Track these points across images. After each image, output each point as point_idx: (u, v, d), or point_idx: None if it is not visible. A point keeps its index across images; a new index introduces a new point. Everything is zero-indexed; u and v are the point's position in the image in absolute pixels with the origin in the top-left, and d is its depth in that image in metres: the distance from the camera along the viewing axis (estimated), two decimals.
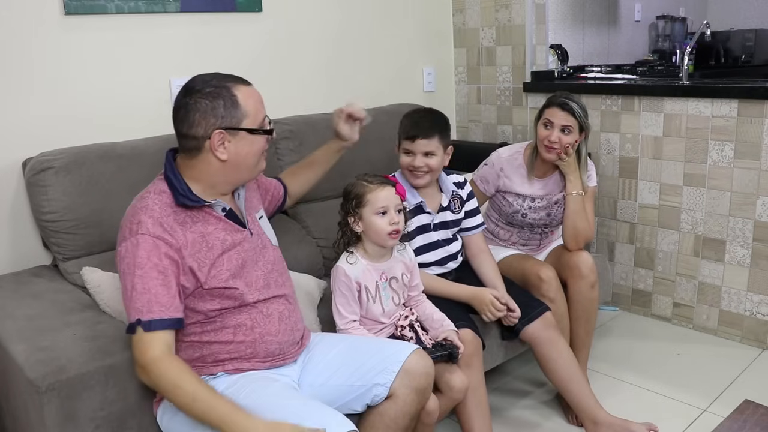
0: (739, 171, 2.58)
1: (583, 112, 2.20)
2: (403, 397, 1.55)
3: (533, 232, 2.41)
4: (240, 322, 1.53)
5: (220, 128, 1.46)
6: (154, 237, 1.42)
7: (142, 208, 1.46)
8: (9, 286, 1.89)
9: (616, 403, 2.19)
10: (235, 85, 1.49)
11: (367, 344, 1.66)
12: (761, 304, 2.63)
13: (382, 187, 1.77)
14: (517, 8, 3.11)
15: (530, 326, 2.05)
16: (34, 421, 1.47)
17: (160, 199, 1.47)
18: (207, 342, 1.51)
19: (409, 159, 2.00)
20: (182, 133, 1.49)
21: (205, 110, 1.45)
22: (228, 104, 1.46)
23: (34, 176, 1.91)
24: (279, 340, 1.58)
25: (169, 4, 2.30)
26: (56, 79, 2.10)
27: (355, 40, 2.93)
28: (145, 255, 1.40)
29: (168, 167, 1.53)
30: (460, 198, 2.13)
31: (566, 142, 2.19)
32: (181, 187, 1.49)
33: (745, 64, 4.20)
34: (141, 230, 1.42)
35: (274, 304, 1.59)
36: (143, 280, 1.39)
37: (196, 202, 1.49)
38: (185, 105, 1.47)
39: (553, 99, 2.24)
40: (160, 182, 1.52)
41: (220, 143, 1.47)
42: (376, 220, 1.76)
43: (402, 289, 1.87)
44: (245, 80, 1.53)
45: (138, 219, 1.44)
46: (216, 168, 1.50)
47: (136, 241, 1.41)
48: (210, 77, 1.50)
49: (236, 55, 2.52)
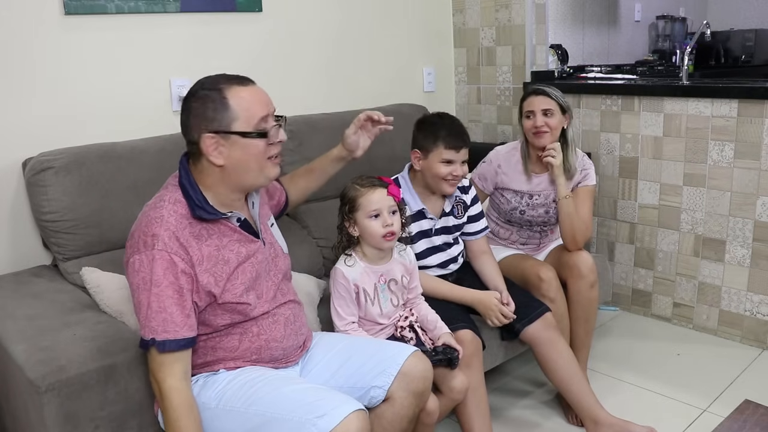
0: (739, 171, 2.58)
1: (559, 95, 2.24)
2: (401, 401, 1.55)
3: (533, 230, 2.41)
4: (246, 329, 1.52)
5: (210, 132, 1.41)
6: (171, 253, 1.38)
7: (157, 219, 1.41)
8: (9, 286, 1.89)
9: (616, 403, 2.19)
10: (228, 86, 1.43)
11: (366, 346, 1.66)
12: (761, 304, 2.62)
13: (372, 189, 1.76)
14: (517, 8, 3.11)
15: (530, 327, 2.05)
16: (34, 421, 1.47)
17: (176, 210, 1.43)
18: (212, 347, 1.51)
19: (450, 168, 1.97)
20: (185, 137, 1.47)
21: (195, 114, 1.42)
22: (218, 107, 1.41)
23: (34, 176, 1.91)
24: (284, 346, 1.58)
25: (169, 4, 2.30)
26: (56, 79, 2.10)
27: (355, 40, 2.93)
28: (161, 272, 1.37)
29: (183, 174, 1.47)
30: (463, 203, 2.13)
31: (552, 124, 2.22)
32: (197, 198, 1.44)
33: (745, 64, 4.20)
34: (158, 245, 1.37)
35: (281, 309, 1.59)
36: (159, 299, 1.37)
37: (212, 215, 1.45)
38: (183, 110, 1.46)
39: (526, 92, 2.31)
40: (174, 190, 1.47)
41: (214, 148, 1.42)
42: (370, 224, 1.75)
43: (401, 291, 1.87)
44: (245, 80, 1.47)
45: (153, 232, 1.39)
46: (216, 174, 1.46)
47: (151, 257, 1.37)
48: (207, 79, 1.46)
49: (236, 55, 2.52)
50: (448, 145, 1.96)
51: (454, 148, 1.96)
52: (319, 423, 1.32)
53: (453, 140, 1.96)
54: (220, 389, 1.47)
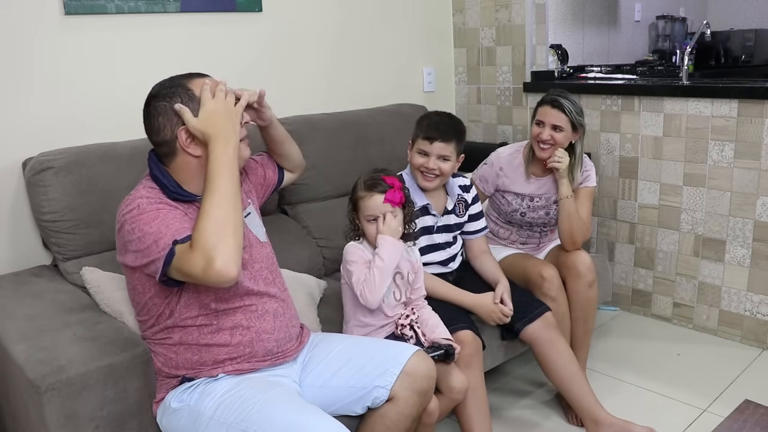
0: (739, 171, 2.58)
1: (576, 110, 2.20)
2: (404, 400, 1.55)
3: (532, 231, 2.41)
4: (236, 323, 1.52)
5: (183, 125, 1.44)
6: (154, 201, 1.42)
7: (135, 197, 1.45)
8: (9, 286, 1.89)
9: (616, 403, 2.19)
10: (189, 80, 1.48)
11: (368, 345, 1.65)
12: (761, 304, 2.62)
13: (371, 195, 1.77)
14: (517, 8, 3.11)
15: (530, 326, 2.05)
16: (34, 421, 1.47)
17: (152, 193, 1.46)
18: (205, 345, 1.51)
19: (422, 160, 1.99)
20: (154, 140, 1.50)
21: (165, 112, 1.45)
22: (185, 99, 1.45)
23: (34, 176, 1.91)
24: (276, 338, 1.57)
25: (169, 4, 2.30)
26: (56, 79, 2.10)
27: (355, 40, 2.93)
28: (153, 209, 1.41)
29: (154, 167, 1.51)
30: (465, 202, 2.14)
31: (558, 140, 2.20)
32: (171, 184, 1.48)
33: (745, 64, 4.20)
34: (142, 205, 1.41)
35: (268, 303, 1.58)
36: (160, 221, 1.39)
37: (186, 196, 1.48)
38: (147, 114, 1.48)
39: (545, 97, 2.25)
40: (146, 181, 1.51)
41: (189, 139, 1.46)
42: (368, 227, 1.79)
43: (405, 286, 1.87)
44: (201, 74, 1.52)
45: (135, 204, 1.43)
46: (193, 166, 1.49)
47: (137, 205, 1.41)
48: (165, 80, 1.50)
49: (236, 56, 2.52)
50: (423, 135, 1.99)
51: (428, 138, 1.97)
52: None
53: (430, 131, 1.98)
54: (218, 398, 1.46)
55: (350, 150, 2.56)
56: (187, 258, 1.34)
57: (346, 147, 2.55)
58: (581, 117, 2.22)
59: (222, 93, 1.46)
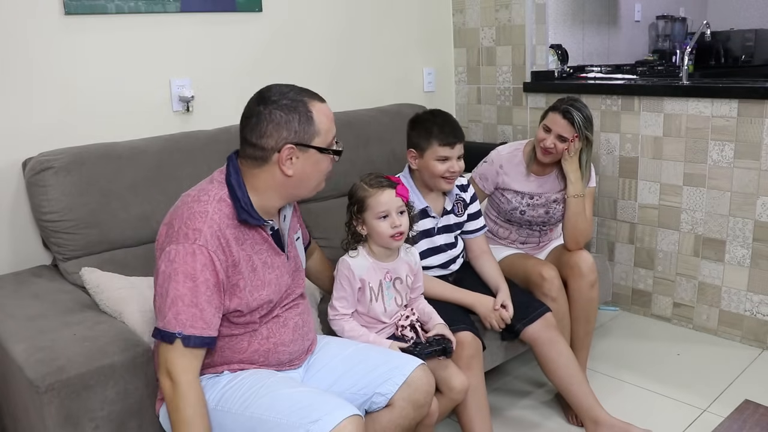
0: (739, 171, 2.58)
1: (585, 122, 2.18)
2: (400, 410, 1.56)
3: (532, 230, 2.41)
4: (256, 331, 1.52)
5: (292, 143, 1.42)
6: (211, 251, 1.37)
7: (201, 213, 1.39)
8: (9, 286, 1.89)
9: (616, 403, 2.19)
10: (311, 101, 1.45)
11: (373, 355, 1.65)
12: (761, 304, 2.62)
13: (381, 191, 1.76)
14: (517, 8, 3.11)
15: (530, 327, 2.05)
16: (34, 421, 1.47)
17: (220, 209, 1.42)
18: (220, 347, 1.50)
19: (446, 165, 1.96)
20: (251, 141, 1.43)
21: (279, 122, 1.41)
22: (303, 119, 1.42)
23: (34, 176, 1.91)
24: (290, 350, 1.58)
25: (169, 4, 2.30)
26: (56, 79, 2.10)
27: (355, 41, 2.93)
28: (199, 268, 1.36)
29: (232, 173, 1.46)
30: (463, 201, 2.13)
31: (562, 149, 2.19)
32: (244, 201, 1.44)
33: (745, 64, 4.20)
34: (199, 240, 1.36)
35: (290, 313, 1.59)
36: (193, 294, 1.35)
37: (256, 221, 1.46)
38: (258, 114, 1.42)
39: (557, 104, 2.22)
40: (219, 187, 1.46)
41: (288, 158, 1.42)
42: (378, 224, 1.76)
43: (405, 290, 1.87)
44: (321, 97, 1.49)
45: (196, 226, 1.38)
46: (279, 182, 1.46)
47: (191, 250, 1.36)
48: (287, 89, 1.45)
49: (236, 55, 2.52)
50: (442, 143, 1.95)
51: (449, 144, 1.96)
52: (313, 428, 1.31)
53: (447, 137, 1.96)
54: (220, 389, 1.47)
55: (350, 150, 2.55)
56: (172, 358, 1.35)
57: (346, 147, 2.49)
58: (590, 130, 2.21)
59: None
